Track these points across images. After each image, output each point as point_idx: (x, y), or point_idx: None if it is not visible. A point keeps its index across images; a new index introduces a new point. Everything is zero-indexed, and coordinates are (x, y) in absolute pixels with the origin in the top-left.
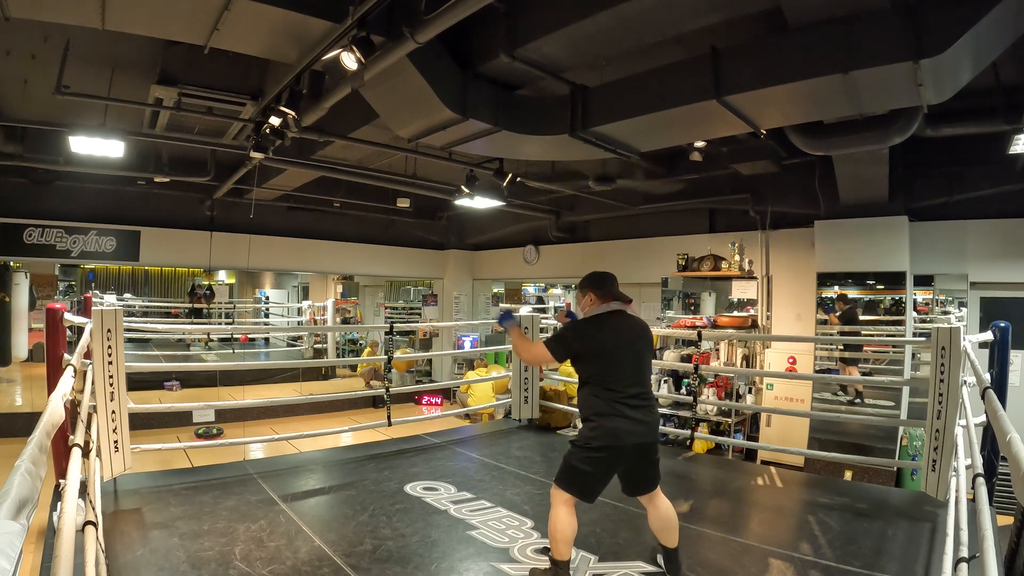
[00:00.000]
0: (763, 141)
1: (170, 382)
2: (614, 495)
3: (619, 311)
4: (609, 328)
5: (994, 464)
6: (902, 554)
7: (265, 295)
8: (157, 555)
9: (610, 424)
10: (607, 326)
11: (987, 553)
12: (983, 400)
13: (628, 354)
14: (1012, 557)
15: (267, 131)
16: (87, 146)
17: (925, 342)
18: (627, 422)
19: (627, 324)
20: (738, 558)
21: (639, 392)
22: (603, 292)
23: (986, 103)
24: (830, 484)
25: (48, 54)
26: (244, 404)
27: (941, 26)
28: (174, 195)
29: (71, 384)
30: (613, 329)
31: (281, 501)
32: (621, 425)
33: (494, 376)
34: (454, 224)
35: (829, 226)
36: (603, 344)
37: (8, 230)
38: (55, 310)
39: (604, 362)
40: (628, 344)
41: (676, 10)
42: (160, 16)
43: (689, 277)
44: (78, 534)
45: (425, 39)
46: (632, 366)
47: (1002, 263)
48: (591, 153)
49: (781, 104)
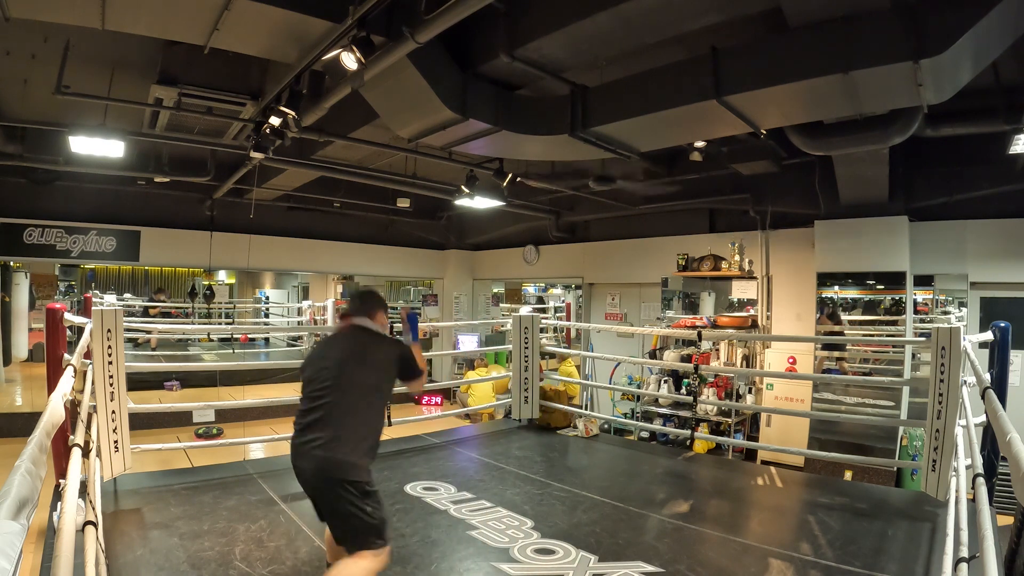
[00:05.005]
0: (763, 141)
1: (170, 382)
2: (614, 495)
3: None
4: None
5: (994, 464)
6: (902, 554)
7: (265, 295)
8: (157, 555)
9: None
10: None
11: (987, 553)
12: (983, 400)
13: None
14: (1012, 557)
15: (267, 131)
16: (87, 146)
17: (925, 342)
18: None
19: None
20: (738, 558)
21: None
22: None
23: (986, 103)
24: (830, 484)
25: (48, 54)
26: (244, 404)
27: (941, 26)
28: (174, 195)
29: (71, 384)
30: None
31: (281, 501)
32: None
33: (494, 376)
34: (454, 224)
35: (829, 226)
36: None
37: (8, 230)
38: (55, 310)
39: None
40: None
41: (676, 10)
42: (160, 16)
43: (689, 277)
44: (78, 534)
45: (425, 39)
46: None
47: (1002, 263)
48: (591, 153)
49: (781, 104)
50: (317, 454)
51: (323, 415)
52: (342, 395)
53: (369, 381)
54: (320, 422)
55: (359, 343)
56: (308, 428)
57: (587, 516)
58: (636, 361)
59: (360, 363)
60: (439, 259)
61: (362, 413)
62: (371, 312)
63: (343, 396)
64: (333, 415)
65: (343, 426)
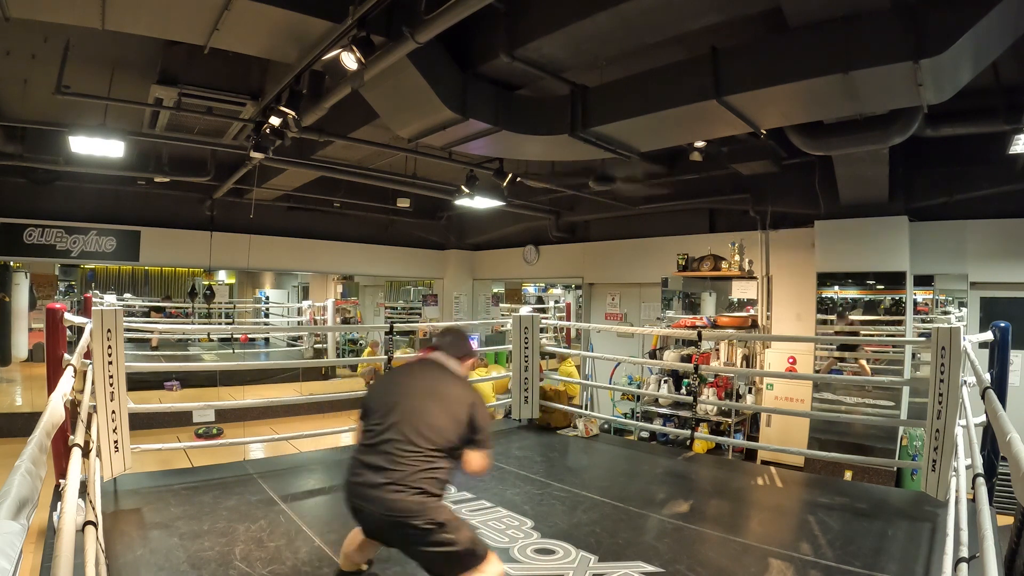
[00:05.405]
0: (763, 141)
1: (170, 382)
2: (614, 495)
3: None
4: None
5: (994, 464)
6: (902, 554)
7: (265, 295)
8: (157, 555)
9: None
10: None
11: (987, 553)
12: (983, 400)
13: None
14: (1012, 557)
15: (267, 131)
16: (87, 146)
17: (925, 342)
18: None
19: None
20: (738, 558)
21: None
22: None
23: (986, 103)
24: (830, 484)
25: (48, 54)
26: (244, 404)
27: (941, 26)
28: (174, 195)
29: (71, 384)
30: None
31: (281, 501)
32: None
33: (494, 376)
34: (454, 224)
35: (829, 226)
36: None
37: (8, 230)
38: (55, 310)
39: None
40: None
41: (676, 10)
42: (160, 16)
43: (689, 277)
44: (78, 534)
45: (425, 39)
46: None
47: (1002, 263)
48: (591, 153)
49: (781, 104)
50: (377, 495)
51: (385, 452)
52: (406, 430)
53: (439, 422)
54: (381, 458)
55: (434, 378)
56: (368, 466)
57: (587, 516)
58: (636, 361)
59: (431, 398)
60: (439, 259)
61: (426, 452)
62: (462, 355)
63: (407, 432)
64: (395, 452)
65: (405, 464)
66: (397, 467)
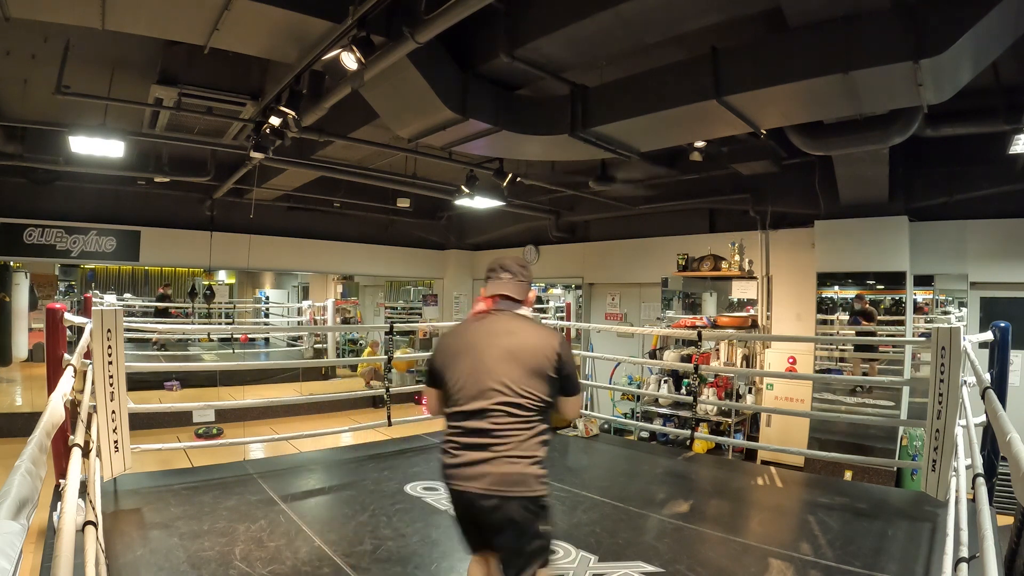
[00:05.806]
0: (763, 141)
1: (170, 382)
2: (614, 495)
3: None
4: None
5: (994, 464)
6: (902, 554)
7: (265, 295)
8: (157, 555)
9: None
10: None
11: (987, 553)
12: (983, 400)
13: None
14: (1012, 557)
15: (267, 131)
16: (87, 146)
17: (925, 342)
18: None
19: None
20: (738, 558)
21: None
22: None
23: (986, 103)
24: (830, 484)
25: (48, 54)
26: (244, 404)
27: (941, 26)
28: (174, 195)
29: (71, 384)
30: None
31: (281, 501)
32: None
33: None
34: (454, 224)
35: (829, 226)
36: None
37: (8, 230)
38: (55, 310)
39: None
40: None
41: (676, 10)
42: (160, 16)
43: (689, 277)
44: (78, 534)
45: (425, 39)
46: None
47: (1002, 263)
48: (591, 153)
49: (781, 104)
50: (484, 470)
51: (484, 424)
52: (501, 399)
53: (530, 384)
54: (483, 434)
55: (509, 332)
56: (469, 446)
57: (587, 516)
58: (636, 361)
59: (514, 360)
60: (439, 259)
61: (525, 417)
62: (526, 295)
63: (503, 399)
64: (497, 424)
65: (510, 432)
66: (502, 439)
